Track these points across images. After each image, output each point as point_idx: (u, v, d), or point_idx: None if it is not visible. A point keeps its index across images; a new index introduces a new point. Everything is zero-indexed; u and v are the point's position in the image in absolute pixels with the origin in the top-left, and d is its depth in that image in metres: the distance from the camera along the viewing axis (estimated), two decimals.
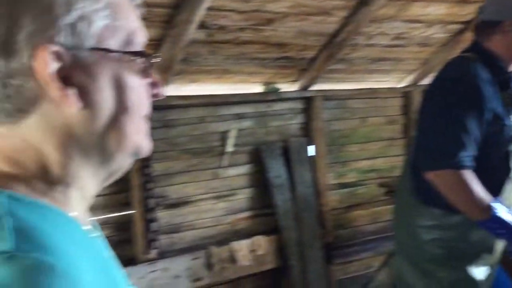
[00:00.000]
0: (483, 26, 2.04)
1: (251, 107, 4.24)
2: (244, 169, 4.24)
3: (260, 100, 4.26)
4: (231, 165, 4.15)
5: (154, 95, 0.74)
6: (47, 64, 0.60)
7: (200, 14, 3.12)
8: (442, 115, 1.95)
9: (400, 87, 4.97)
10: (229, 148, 4.08)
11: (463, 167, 1.91)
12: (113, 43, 0.66)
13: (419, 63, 4.74)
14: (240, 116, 4.19)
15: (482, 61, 1.96)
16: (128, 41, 0.68)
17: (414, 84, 4.93)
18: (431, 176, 1.97)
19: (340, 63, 4.36)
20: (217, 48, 3.54)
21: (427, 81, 5.05)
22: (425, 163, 1.99)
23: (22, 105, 0.62)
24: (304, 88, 4.45)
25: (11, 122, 0.63)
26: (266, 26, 3.62)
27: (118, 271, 0.76)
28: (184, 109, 3.90)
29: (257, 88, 4.32)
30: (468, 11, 4.15)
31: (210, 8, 3.15)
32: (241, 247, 3.99)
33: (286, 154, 4.36)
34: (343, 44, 4.00)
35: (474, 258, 2.13)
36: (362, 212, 4.81)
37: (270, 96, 4.28)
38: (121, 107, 0.67)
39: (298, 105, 4.50)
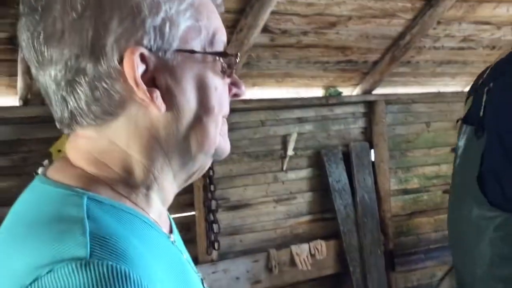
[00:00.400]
0: None
1: (312, 111, 4.23)
2: (305, 173, 4.23)
3: (321, 104, 4.24)
4: (291, 169, 4.15)
5: (235, 95, 0.74)
6: (134, 67, 0.60)
7: (264, 18, 3.15)
8: None
9: (466, 91, 4.80)
10: (290, 151, 4.08)
11: None
12: (196, 43, 0.66)
13: (487, 66, 4.56)
14: (301, 120, 4.19)
15: None
16: (211, 40, 0.67)
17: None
18: None
19: (404, 66, 4.27)
20: (280, 52, 3.56)
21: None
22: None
23: (110, 108, 0.63)
24: (366, 92, 4.39)
25: (99, 124, 0.64)
26: (328, 30, 3.60)
27: (194, 274, 0.76)
28: (245, 113, 3.94)
29: (319, 92, 4.31)
30: None
31: (274, 12, 3.18)
32: (301, 251, 3.98)
33: (347, 158, 4.32)
34: (407, 47, 3.92)
35: None
36: (425, 219, 4.67)
37: (332, 100, 4.25)
38: (204, 108, 0.67)
39: (360, 109, 4.44)
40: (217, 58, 0.67)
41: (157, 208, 0.70)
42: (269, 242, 4.04)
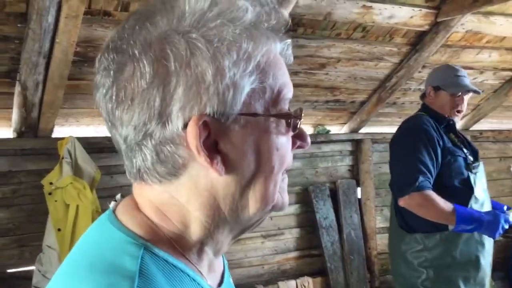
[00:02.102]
0: (424, 91, 2.73)
1: None
2: (293, 209, 4.28)
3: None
4: None
5: (299, 147, 0.73)
6: (197, 135, 0.61)
7: None
8: (402, 154, 2.50)
9: None
10: None
11: (423, 188, 2.35)
12: (260, 105, 0.65)
13: (470, 109, 4.73)
14: None
15: (428, 115, 2.58)
16: (275, 100, 0.66)
17: (465, 129, 4.90)
18: (403, 202, 2.41)
19: (390, 107, 4.40)
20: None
21: (477, 126, 5.02)
22: (397, 193, 2.46)
23: (173, 170, 0.64)
24: (354, 131, 4.51)
25: (162, 184, 0.66)
26: (318, 71, 3.73)
27: None
28: None
29: (308, 130, 4.41)
30: None
31: None
32: (288, 287, 3.99)
33: (334, 195, 4.39)
34: (393, 89, 4.06)
35: (462, 273, 2.45)
36: None
37: (320, 137, 4.35)
38: (264, 169, 0.66)
39: (347, 147, 4.54)
40: (281, 119, 0.67)
41: (208, 261, 0.71)
42: (256, 278, 4.06)
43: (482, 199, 2.52)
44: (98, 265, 0.61)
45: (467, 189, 2.48)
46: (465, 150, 2.56)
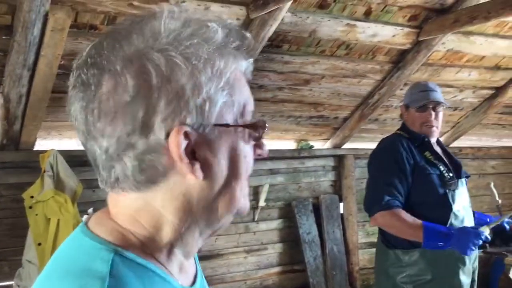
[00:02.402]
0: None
1: (284, 163, 4.33)
2: (275, 224, 4.29)
3: (293, 157, 4.35)
4: (262, 219, 4.20)
5: (258, 155, 0.78)
6: (179, 144, 0.66)
7: None
8: (373, 174, 2.63)
9: None
10: (262, 202, 4.14)
11: (390, 207, 2.43)
12: (230, 117, 0.71)
13: (449, 126, 4.81)
14: (273, 172, 4.28)
15: (405, 133, 2.65)
16: (242, 112, 0.73)
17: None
18: (372, 221, 2.53)
19: (372, 123, 4.46)
20: (256, 106, 3.67)
21: (457, 143, 5.11)
22: (367, 212, 2.58)
23: (153, 177, 0.68)
24: (336, 146, 4.55)
25: (140, 191, 0.70)
26: (303, 86, 3.77)
27: None
28: None
29: (291, 145, 4.44)
30: (501, 77, 4.26)
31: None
32: None
33: (317, 210, 4.40)
34: (376, 106, 4.12)
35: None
36: None
37: (303, 152, 4.38)
38: (233, 175, 0.72)
39: (330, 162, 4.58)
40: (249, 129, 0.74)
41: (178, 261, 0.75)
42: None
43: (462, 216, 2.55)
44: (71, 270, 0.65)
45: (445, 206, 2.51)
46: (441, 167, 2.58)
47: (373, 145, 4.71)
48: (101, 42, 0.70)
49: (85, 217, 0.76)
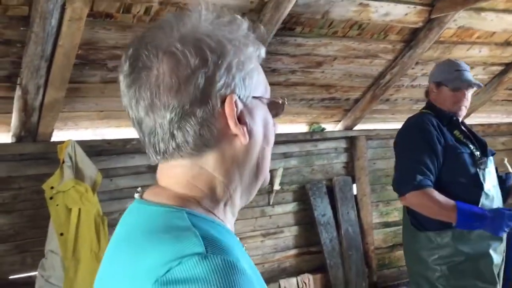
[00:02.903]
0: (427, 88, 2.75)
1: (296, 146, 4.35)
2: (291, 207, 4.31)
3: (305, 140, 4.37)
4: (278, 203, 4.23)
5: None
6: (233, 110, 0.78)
7: None
8: (402, 154, 2.56)
9: None
10: (276, 186, 4.17)
11: (422, 186, 2.37)
12: (260, 91, 0.84)
13: None
14: (286, 155, 4.30)
15: (432, 112, 2.60)
16: (266, 89, 0.86)
17: None
18: (403, 201, 2.47)
19: (383, 104, 4.47)
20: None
21: (467, 121, 5.12)
22: (398, 192, 2.49)
23: (209, 141, 0.79)
24: (348, 128, 4.56)
25: (197, 155, 0.79)
26: (315, 69, 3.77)
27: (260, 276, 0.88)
28: None
29: (303, 128, 4.44)
30: (511, 53, 4.25)
31: (266, 52, 3.30)
32: (290, 285, 4.02)
33: (331, 192, 4.43)
34: (387, 86, 4.12)
35: (475, 269, 2.47)
36: None
37: (315, 135, 4.39)
38: (267, 140, 0.85)
39: (342, 144, 4.59)
40: (274, 103, 0.87)
41: (230, 220, 0.85)
42: None
43: (492, 195, 2.52)
44: (158, 229, 0.73)
45: (476, 186, 2.48)
46: (471, 146, 2.55)
47: (384, 126, 4.78)
48: (146, 33, 0.81)
49: (136, 194, 0.85)
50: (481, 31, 3.91)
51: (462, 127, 2.64)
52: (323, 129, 4.46)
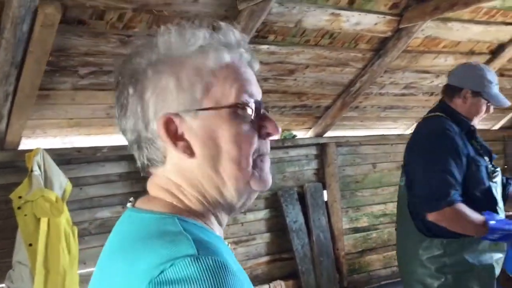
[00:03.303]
0: (449, 89, 2.48)
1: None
2: (263, 214, 4.32)
3: (277, 147, 4.39)
4: (250, 210, 4.23)
5: (267, 134, 0.85)
6: (164, 130, 0.80)
7: None
8: (429, 163, 2.33)
9: (407, 134, 5.15)
10: None
11: (456, 201, 2.26)
12: (210, 102, 0.81)
13: (426, 111, 4.93)
14: None
15: (450, 118, 2.40)
16: (238, 95, 0.82)
17: None
18: (434, 216, 2.30)
19: (352, 111, 4.54)
20: None
21: None
22: (427, 207, 2.31)
23: (160, 158, 0.84)
24: (318, 135, 4.61)
25: (158, 167, 0.85)
26: (287, 77, 3.80)
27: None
28: None
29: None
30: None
31: None
32: None
33: (303, 199, 4.46)
34: (357, 93, 4.19)
35: (479, 281, 2.39)
36: (375, 256, 4.88)
37: (287, 142, 4.42)
38: (226, 152, 0.80)
39: (313, 151, 4.64)
40: (234, 108, 0.81)
41: (218, 228, 0.86)
42: None
43: (501, 207, 2.48)
44: (151, 234, 0.75)
45: (489, 199, 2.40)
46: (486, 158, 2.44)
47: (353, 133, 4.86)
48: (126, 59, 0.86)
49: (129, 204, 0.88)
50: (447, 40, 4.03)
51: (477, 137, 2.51)
52: (294, 136, 4.50)
